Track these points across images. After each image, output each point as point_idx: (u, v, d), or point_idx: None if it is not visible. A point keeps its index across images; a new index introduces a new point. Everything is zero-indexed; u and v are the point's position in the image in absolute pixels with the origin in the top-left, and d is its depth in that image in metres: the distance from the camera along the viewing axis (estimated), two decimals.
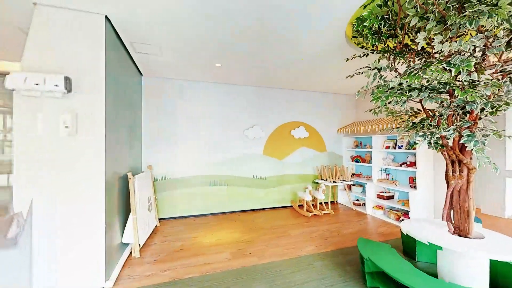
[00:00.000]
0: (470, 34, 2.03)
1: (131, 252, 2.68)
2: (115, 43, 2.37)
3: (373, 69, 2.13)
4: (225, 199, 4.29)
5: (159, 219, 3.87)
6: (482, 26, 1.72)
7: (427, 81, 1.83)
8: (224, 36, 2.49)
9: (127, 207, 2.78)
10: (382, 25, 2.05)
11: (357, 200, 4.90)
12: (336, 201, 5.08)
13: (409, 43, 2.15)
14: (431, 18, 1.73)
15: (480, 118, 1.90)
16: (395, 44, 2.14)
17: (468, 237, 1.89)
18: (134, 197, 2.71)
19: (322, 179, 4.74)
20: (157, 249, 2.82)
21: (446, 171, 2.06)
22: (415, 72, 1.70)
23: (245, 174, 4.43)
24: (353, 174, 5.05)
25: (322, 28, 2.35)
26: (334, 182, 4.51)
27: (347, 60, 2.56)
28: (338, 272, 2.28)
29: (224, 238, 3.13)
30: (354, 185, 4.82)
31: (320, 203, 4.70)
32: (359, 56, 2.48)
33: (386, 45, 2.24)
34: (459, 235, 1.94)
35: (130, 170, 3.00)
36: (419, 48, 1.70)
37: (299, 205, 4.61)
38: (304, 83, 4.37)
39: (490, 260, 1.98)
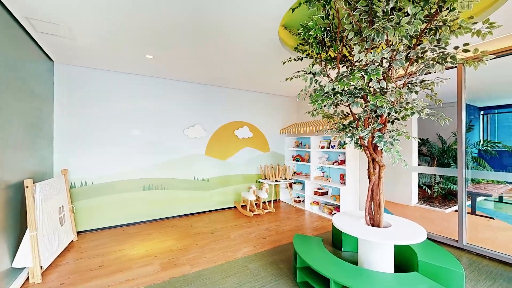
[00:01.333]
0: (382, 47, 2.30)
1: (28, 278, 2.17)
2: (1, 16, 1.86)
3: (308, 74, 2.22)
4: (162, 204, 3.94)
5: (78, 232, 3.29)
6: (390, 41, 1.95)
7: (354, 87, 2.00)
8: (154, 26, 2.24)
9: (23, 223, 2.24)
10: (325, 35, 2.16)
11: (298, 197, 5.17)
12: (279, 199, 5.26)
13: (347, 54, 2.31)
14: (349, 29, 1.87)
15: (392, 122, 2.16)
16: (336, 54, 2.28)
17: (379, 227, 2.13)
18: (35, 209, 2.20)
19: (265, 179, 4.83)
20: (68, 270, 2.36)
21: (368, 168, 2.29)
22: (344, 79, 1.82)
23: (186, 176, 4.16)
24: (294, 172, 5.31)
25: (256, 27, 2.33)
26: (277, 181, 4.64)
27: (284, 62, 2.61)
28: (271, 271, 2.30)
29: (156, 248, 2.84)
30: (295, 183, 5.06)
31: (264, 202, 4.78)
32: (295, 60, 2.56)
33: (328, 54, 2.36)
34: (372, 225, 2.18)
35: (32, 176, 2.45)
36: (355, 60, 1.83)
37: (242, 206, 4.59)
38: (248, 84, 4.37)
39: (395, 245, 2.28)
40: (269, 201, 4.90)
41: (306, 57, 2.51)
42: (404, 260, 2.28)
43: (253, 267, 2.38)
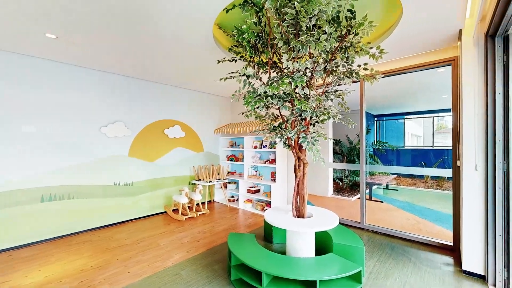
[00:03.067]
0: (306, 58, 2.59)
1: None
2: None
3: (242, 75, 2.26)
4: (71, 216, 3.26)
5: None
6: (312, 53, 2.22)
7: (283, 92, 2.16)
8: None
9: None
10: (258, 41, 2.23)
11: (232, 196, 5.23)
12: (213, 200, 5.19)
13: (277, 61, 2.46)
14: (278, 37, 2.03)
15: (314, 125, 2.44)
16: (267, 60, 2.38)
17: (303, 218, 2.40)
18: None
19: (199, 180, 4.68)
20: None
21: (294, 166, 2.52)
22: (274, 83, 1.94)
23: (103, 181, 3.57)
24: (228, 172, 5.35)
25: (190, 23, 2.23)
26: (211, 181, 4.57)
27: (218, 62, 2.59)
28: (205, 274, 2.25)
29: (61, 271, 2.32)
30: (229, 182, 5.10)
31: (197, 204, 4.62)
32: (229, 60, 2.58)
33: (260, 58, 2.45)
34: (298, 217, 2.43)
35: None
36: (284, 67, 1.97)
37: (174, 210, 4.30)
38: (180, 80, 4.12)
39: (316, 232, 2.62)
40: (203, 203, 4.77)
41: (240, 59, 2.57)
42: (323, 244, 2.64)
43: (186, 273, 2.26)
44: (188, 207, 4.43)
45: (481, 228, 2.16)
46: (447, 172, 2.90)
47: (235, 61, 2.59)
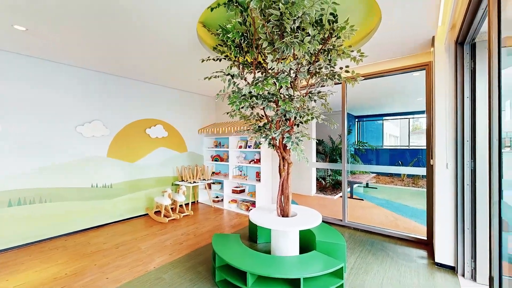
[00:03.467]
0: (290, 59, 2.62)
1: None
2: None
3: (227, 75, 2.25)
4: (43, 221, 3.05)
5: None
6: (296, 55, 2.25)
7: (268, 92, 2.17)
8: None
9: None
10: (242, 40, 2.21)
11: (217, 197, 5.18)
12: (197, 200, 5.11)
13: (262, 61, 2.46)
14: (263, 38, 2.04)
15: (298, 125, 2.48)
16: (252, 60, 2.38)
17: (288, 217, 2.43)
18: None
19: (183, 180, 4.58)
20: None
21: (279, 165, 2.55)
22: (259, 83, 1.95)
23: (80, 183, 3.39)
24: (213, 172, 5.29)
25: (176, 20, 2.17)
26: (195, 182, 4.49)
27: (203, 61, 2.55)
28: (189, 277, 2.21)
29: (32, 280, 2.17)
30: (213, 183, 5.04)
31: (181, 206, 4.52)
32: (213, 60, 2.54)
33: (245, 58, 2.43)
34: (283, 216, 2.46)
35: None
36: (268, 67, 1.97)
37: (156, 212, 4.17)
38: (163, 78, 4.00)
39: (300, 230, 2.66)
40: (187, 204, 4.68)
41: (224, 59, 2.55)
42: (307, 242, 2.69)
43: (169, 276, 2.21)
44: (171, 208, 4.32)
45: (452, 222, 2.32)
46: (422, 171, 3.07)
47: (220, 60, 2.56)
